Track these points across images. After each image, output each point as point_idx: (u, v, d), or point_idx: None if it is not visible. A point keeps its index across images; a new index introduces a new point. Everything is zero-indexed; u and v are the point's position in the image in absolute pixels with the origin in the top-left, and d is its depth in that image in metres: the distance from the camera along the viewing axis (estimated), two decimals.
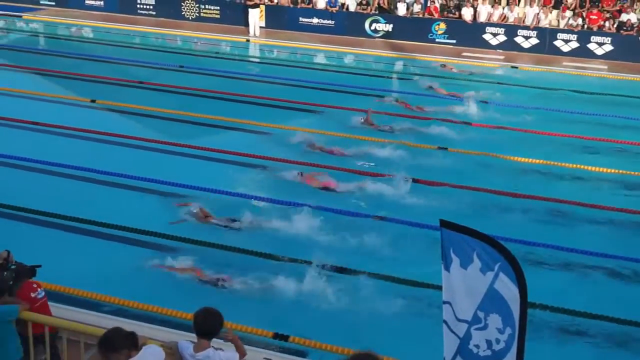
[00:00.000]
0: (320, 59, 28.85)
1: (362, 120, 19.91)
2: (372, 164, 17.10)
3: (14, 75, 24.83)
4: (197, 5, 32.75)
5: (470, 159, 17.71)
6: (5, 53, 28.33)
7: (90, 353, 7.51)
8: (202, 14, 32.75)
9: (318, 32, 31.29)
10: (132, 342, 6.23)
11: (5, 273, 7.59)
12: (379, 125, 19.65)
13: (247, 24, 31.14)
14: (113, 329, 6.32)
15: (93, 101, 21.36)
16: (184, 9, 32.93)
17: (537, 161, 17.62)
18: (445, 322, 5.70)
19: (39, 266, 8.33)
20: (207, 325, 6.38)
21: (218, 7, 32.62)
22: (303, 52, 29.20)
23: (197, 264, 12.14)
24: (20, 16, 33.61)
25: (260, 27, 31.28)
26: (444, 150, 18.16)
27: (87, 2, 34.33)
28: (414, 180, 15.88)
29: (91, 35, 31.65)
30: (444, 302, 5.67)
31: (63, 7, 34.51)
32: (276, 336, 10.22)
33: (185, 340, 6.53)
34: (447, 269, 5.56)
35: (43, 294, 8.07)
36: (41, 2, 34.94)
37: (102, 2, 34.13)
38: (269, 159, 17.02)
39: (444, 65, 27.33)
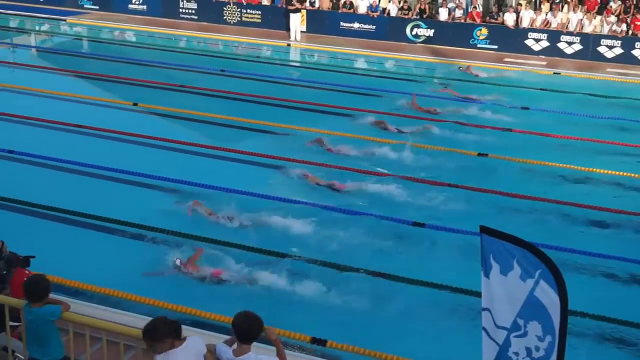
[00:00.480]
0: (360, 63, 28.81)
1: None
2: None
3: (58, 78, 25.23)
4: (238, 9, 32.93)
5: (510, 166, 17.59)
6: (50, 56, 28.81)
7: (130, 354, 7.59)
8: (243, 19, 32.92)
9: (359, 37, 31.25)
10: (176, 332, 6.28)
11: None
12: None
13: (288, 29, 31.23)
14: (157, 318, 6.37)
15: (135, 104, 21.59)
16: (225, 13, 33.13)
17: (578, 167, 17.43)
18: (484, 329, 5.65)
19: (33, 257, 9.11)
20: (246, 330, 6.35)
21: (259, 12, 32.76)
22: (343, 56, 29.20)
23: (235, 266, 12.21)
24: (65, 20, 34.07)
25: (301, 31, 31.34)
26: (484, 156, 18.03)
27: (130, 6, 34.70)
28: (451, 185, 15.86)
29: (134, 39, 31.98)
30: (483, 309, 5.62)
31: (106, 11, 34.91)
32: (314, 341, 10.20)
33: (224, 343, 6.53)
34: (487, 275, 5.51)
35: None
36: (85, 6, 35.38)
37: (145, 6, 34.48)
38: (308, 163, 17.07)
39: (467, 67, 27.39)
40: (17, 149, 17.53)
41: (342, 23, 31.70)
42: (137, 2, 34.59)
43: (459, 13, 30.83)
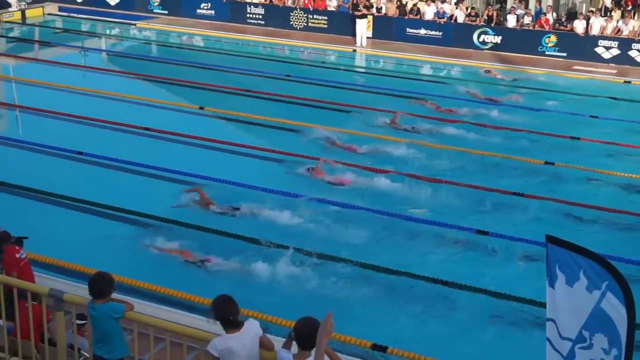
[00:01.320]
0: (426, 70, 28.64)
1: (389, 122, 20.38)
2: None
3: (127, 81, 25.73)
4: (305, 15, 33.10)
5: (577, 175, 17.30)
6: (119, 60, 29.37)
7: (192, 354, 7.68)
8: (310, 24, 33.07)
9: (425, 43, 31.10)
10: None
11: None
12: (403, 125, 19.97)
13: (354, 34, 31.26)
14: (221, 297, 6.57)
15: (201, 108, 21.86)
16: (292, 18, 33.34)
17: None
18: (548, 339, 5.56)
19: (26, 237, 10.00)
20: (307, 335, 6.29)
21: (326, 17, 32.87)
22: (409, 62, 29.08)
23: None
24: (134, 24, 34.73)
25: (367, 37, 31.33)
26: (551, 165, 17.75)
27: (198, 11, 35.18)
28: (520, 195, 15.68)
29: (201, 44, 32.40)
30: (548, 319, 5.53)
31: (175, 15, 35.47)
32: (375, 347, 10.17)
33: (284, 349, 6.54)
34: (552, 285, 5.42)
35: (25, 255, 9.54)
36: (155, 10, 36.01)
37: (213, 11, 34.91)
38: (371, 170, 17.06)
39: (488, 71, 27.13)
40: (85, 150, 17.92)
41: (408, 29, 31.58)
42: (205, 7, 35.05)
43: (527, 20, 30.42)
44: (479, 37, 30.55)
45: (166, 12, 35.82)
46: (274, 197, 15.34)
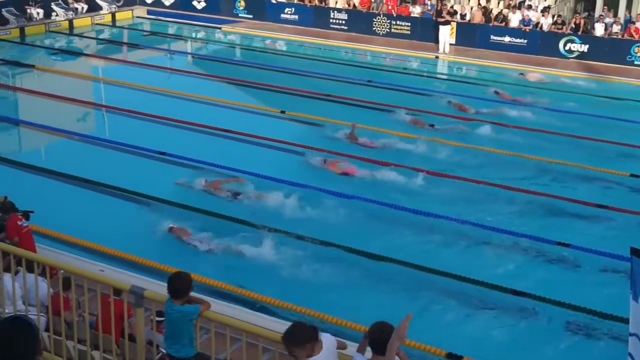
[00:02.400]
0: (509, 78, 28.14)
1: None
2: None
3: (211, 84, 26.16)
4: (388, 21, 33.04)
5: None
6: (204, 63, 29.88)
7: (267, 355, 7.74)
8: (392, 30, 32.99)
9: (509, 50, 30.67)
10: (314, 336, 6.28)
11: None
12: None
13: (437, 41, 31.06)
14: (296, 323, 6.43)
15: (283, 112, 22.03)
16: (375, 24, 33.32)
17: None
18: (630, 354, 5.41)
19: (32, 212, 11.73)
20: (382, 341, 6.23)
21: (409, 23, 32.75)
22: (493, 70, 28.69)
23: None
24: (220, 28, 35.29)
25: (450, 44, 31.08)
26: (637, 177, 17.32)
27: (282, 15, 35.51)
28: (600, 206, 15.33)
29: (284, 48, 32.69)
30: (631, 334, 5.38)
31: (260, 20, 35.87)
32: (450, 356, 10.07)
33: (359, 353, 6.52)
34: (636, 299, 5.28)
35: (27, 224, 11.04)
36: (240, 15, 36.51)
37: (296, 16, 35.18)
38: (458, 179, 16.98)
39: (522, 74, 26.83)
40: (168, 150, 18.29)
41: (492, 36, 31.20)
42: (289, 12, 35.36)
43: (616, 28, 29.69)
44: (565, 45, 29.95)
45: (251, 16, 36.26)
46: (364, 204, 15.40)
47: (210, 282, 11.94)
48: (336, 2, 35.54)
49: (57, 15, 34.17)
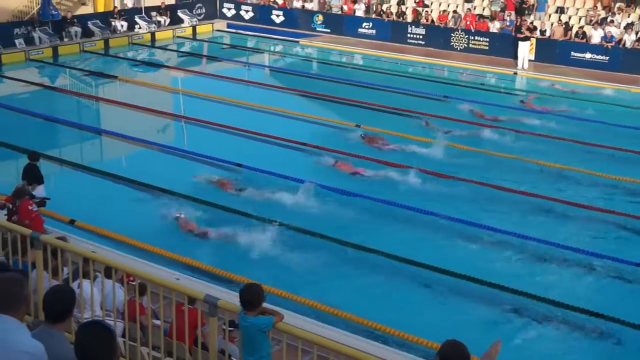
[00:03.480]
0: (588, 95, 27.52)
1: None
2: None
3: (287, 97, 26.39)
4: (466, 36, 32.80)
5: None
6: (281, 76, 30.18)
7: (307, 358, 7.74)
8: (470, 45, 32.73)
9: (590, 67, 30.03)
10: None
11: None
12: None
13: (515, 57, 30.68)
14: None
15: (357, 126, 22.04)
16: (453, 39, 33.12)
17: None
18: None
19: (48, 199, 13.83)
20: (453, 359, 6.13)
21: (487, 39, 32.43)
22: (572, 87, 28.12)
23: None
24: (297, 42, 35.61)
25: (530, 60, 30.64)
26: None
27: (360, 30, 35.62)
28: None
29: (361, 62, 32.76)
30: None
31: (337, 34, 36.05)
32: None
33: None
34: None
35: (36, 208, 12.46)
36: (318, 29, 36.76)
37: (374, 31, 35.24)
38: (519, 193, 16.70)
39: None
40: (244, 162, 18.53)
41: (573, 53, 30.64)
42: (367, 27, 35.45)
43: None
44: None
45: (329, 30, 36.48)
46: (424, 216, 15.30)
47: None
48: (413, 18, 35.47)
49: (140, 27, 35.04)
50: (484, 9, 34.91)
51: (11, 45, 30.43)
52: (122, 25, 34.32)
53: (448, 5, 35.61)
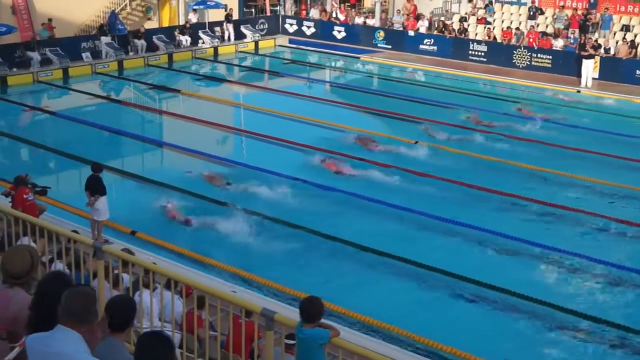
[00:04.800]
0: None
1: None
2: None
3: (347, 112, 26.42)
4: (529, 53, 32.45)
5: None
6: (341, 91, 30.29)
7: None
8: (533, 63, 32.36)
9: None
10: None
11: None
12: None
13: (579, 75, 30.24)
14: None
15: (416, 142, 21.96)
16: (515, 56, 32.79)
17: None
18: None
19: (49, 187, 14.99)
20: None
21: (550, 57, 32.03)
22: (637, 107, 27.59)
23: None
24: (358, 58, 35.69)
25: (593, 78, 30.17)
26: None
27: (421, 46, 35.53)
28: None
29: (422, 79, 32.66)
30: None
31: (398, 50, 36.01)
32: None
33: None
34: None
35: (32, 197, 13.33)
36: (379, 45, 36.78)
37: (435, 47, 35.12)
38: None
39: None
40: (300, 176, 18.69)
41: (638, 72, 30.06)
42: (428, 43, 35.37)
43: None
44: None
45: (390, 46, 36.48)
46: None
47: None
48: (476, 34, 35.27)
49: (203, 42, 35.55)
50: (547, 26, 34.52)
51: (78, 58, 31.17)
52: (186, 40, 34.89)
53: (511, 22, 35.33)
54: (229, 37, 36.67)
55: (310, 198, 17.62)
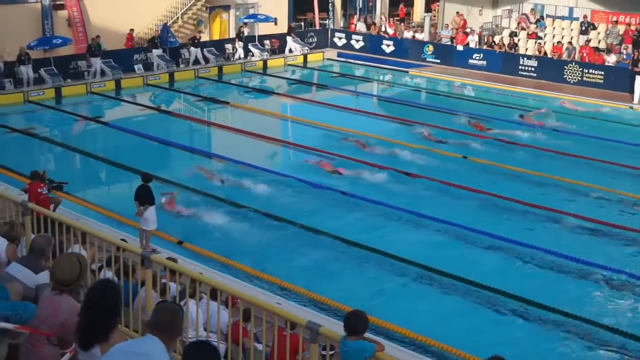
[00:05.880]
0: None
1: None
2: None
3: (394, 126, 26.35)
4: (580, 69, 32.05)
5: None
6: (389, 105, 30.27)
7: None
8: (584, 78, 31.94)
9: None
10: None
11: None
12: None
13: (632, 91, 29.76)
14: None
15: (464, 157, 21.81)
16: (566, 72, 32.40)
17: None
18: None
19: (66, 183, 16.42)
20: None
21: (602, 72, 31.58)
22: None
23: None
24: (407, 72, 35.64)
25: None
26: None
27: (470, 61, 35.34)
28: None
29: (471, 93, 32.47)
30: None
31: (447, 64, 35.85)
32: None
33: None
34: None
35: (47, 191, 14.07)
36: (427, 59, 36.68)
37: (485, 62, 34.88)
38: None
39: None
40: (348, 191, 18.70)
41: None
42: (477, 58, 35.16)
43: None
44: None
45: (438, 61, 36.37)
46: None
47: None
48: (526, 49, 34.97)
49: (252, 55, 35.86)
50: (599, 42, 34.10)
51: (130, 70, 31.66)
52: (240, 47, 35.27)
53: (562, 37, 34.96)
54: (290, 49, 37.26)
55: (358, 211, 17.67)
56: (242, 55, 35.48)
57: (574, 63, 32.34)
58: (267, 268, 14.37)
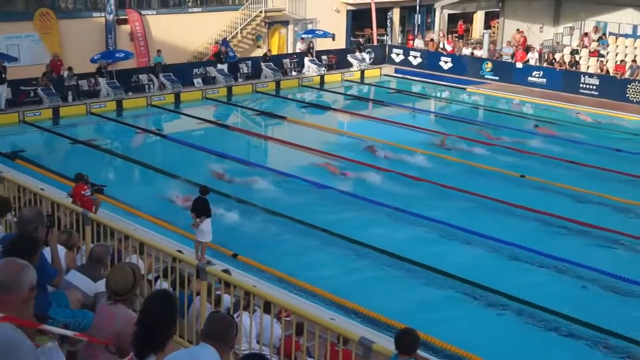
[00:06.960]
0: None
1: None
2: None
3: (452, 143, 26.17)
4: None
5: None
6: (446, 122, 30.11)
7: None
8: None
9: None
10: None
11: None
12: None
13: None
14: None
15: (522, 176, 21.55)
16: (629, 91, 31.81)
17: None
18: None
19: (105, 186, 17.56)
20: None
21: None
22: None
23: None
24: (464, 88, 35.42)
25: None
26: None
27: (530, 78, 34.94)
28: None
29: (530, 111, 32.11)
30: None
31: (506, 82, 35.51)
32: None
33: None
34: None
35: (89, 193, 14.60)
36: (486, 76, 36.39)
37: (544, 79, 34.46)
38: None
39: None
40: (404, 207, 18.66)
41: None
42: (537, 75, 34.75)
43: None
44: None
45: (497, 78, 36.06)
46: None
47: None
48: (587, 67, 34.46)
49: (309, 70, 36.05)
50: None
51: (190, 84, 32.12)
52: (293, 67, 35.53)
53: (625, 56, 34.36)
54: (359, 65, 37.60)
55: (409, 225, 17.63)
56: (310, 71, 35.77)
57: (637, 82, 31.75)
58: (321, 283, 14.38)
